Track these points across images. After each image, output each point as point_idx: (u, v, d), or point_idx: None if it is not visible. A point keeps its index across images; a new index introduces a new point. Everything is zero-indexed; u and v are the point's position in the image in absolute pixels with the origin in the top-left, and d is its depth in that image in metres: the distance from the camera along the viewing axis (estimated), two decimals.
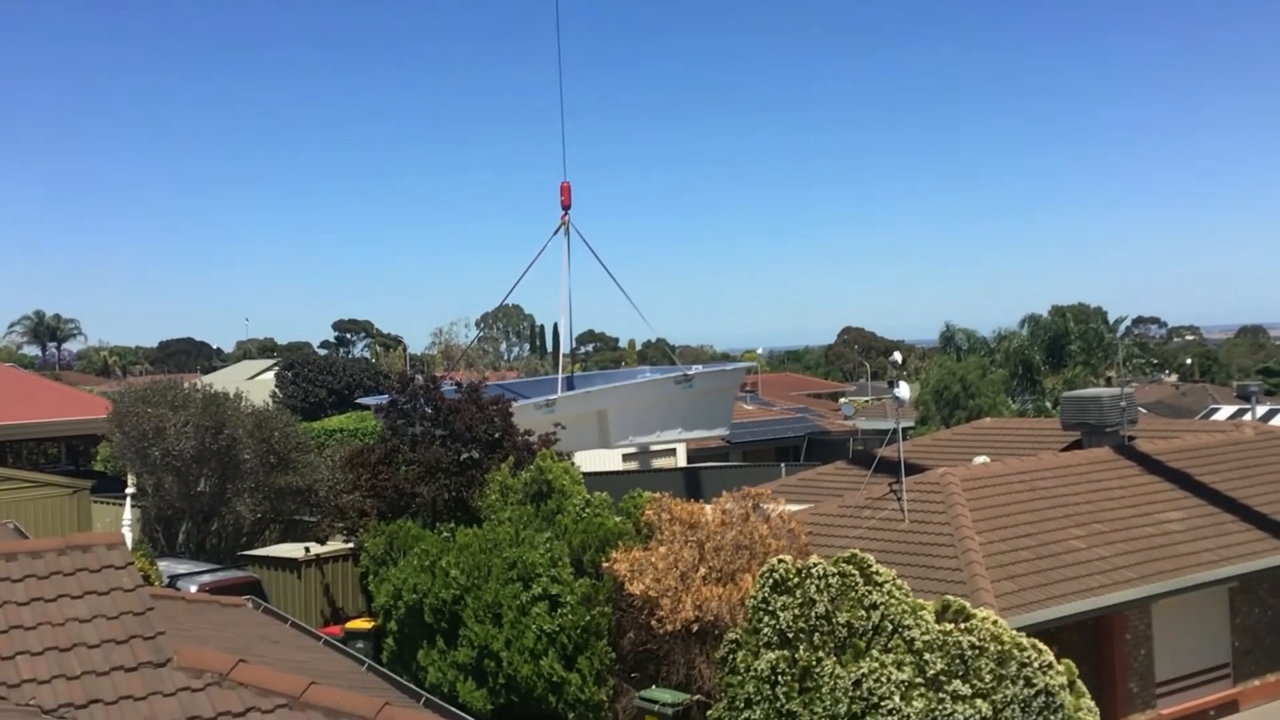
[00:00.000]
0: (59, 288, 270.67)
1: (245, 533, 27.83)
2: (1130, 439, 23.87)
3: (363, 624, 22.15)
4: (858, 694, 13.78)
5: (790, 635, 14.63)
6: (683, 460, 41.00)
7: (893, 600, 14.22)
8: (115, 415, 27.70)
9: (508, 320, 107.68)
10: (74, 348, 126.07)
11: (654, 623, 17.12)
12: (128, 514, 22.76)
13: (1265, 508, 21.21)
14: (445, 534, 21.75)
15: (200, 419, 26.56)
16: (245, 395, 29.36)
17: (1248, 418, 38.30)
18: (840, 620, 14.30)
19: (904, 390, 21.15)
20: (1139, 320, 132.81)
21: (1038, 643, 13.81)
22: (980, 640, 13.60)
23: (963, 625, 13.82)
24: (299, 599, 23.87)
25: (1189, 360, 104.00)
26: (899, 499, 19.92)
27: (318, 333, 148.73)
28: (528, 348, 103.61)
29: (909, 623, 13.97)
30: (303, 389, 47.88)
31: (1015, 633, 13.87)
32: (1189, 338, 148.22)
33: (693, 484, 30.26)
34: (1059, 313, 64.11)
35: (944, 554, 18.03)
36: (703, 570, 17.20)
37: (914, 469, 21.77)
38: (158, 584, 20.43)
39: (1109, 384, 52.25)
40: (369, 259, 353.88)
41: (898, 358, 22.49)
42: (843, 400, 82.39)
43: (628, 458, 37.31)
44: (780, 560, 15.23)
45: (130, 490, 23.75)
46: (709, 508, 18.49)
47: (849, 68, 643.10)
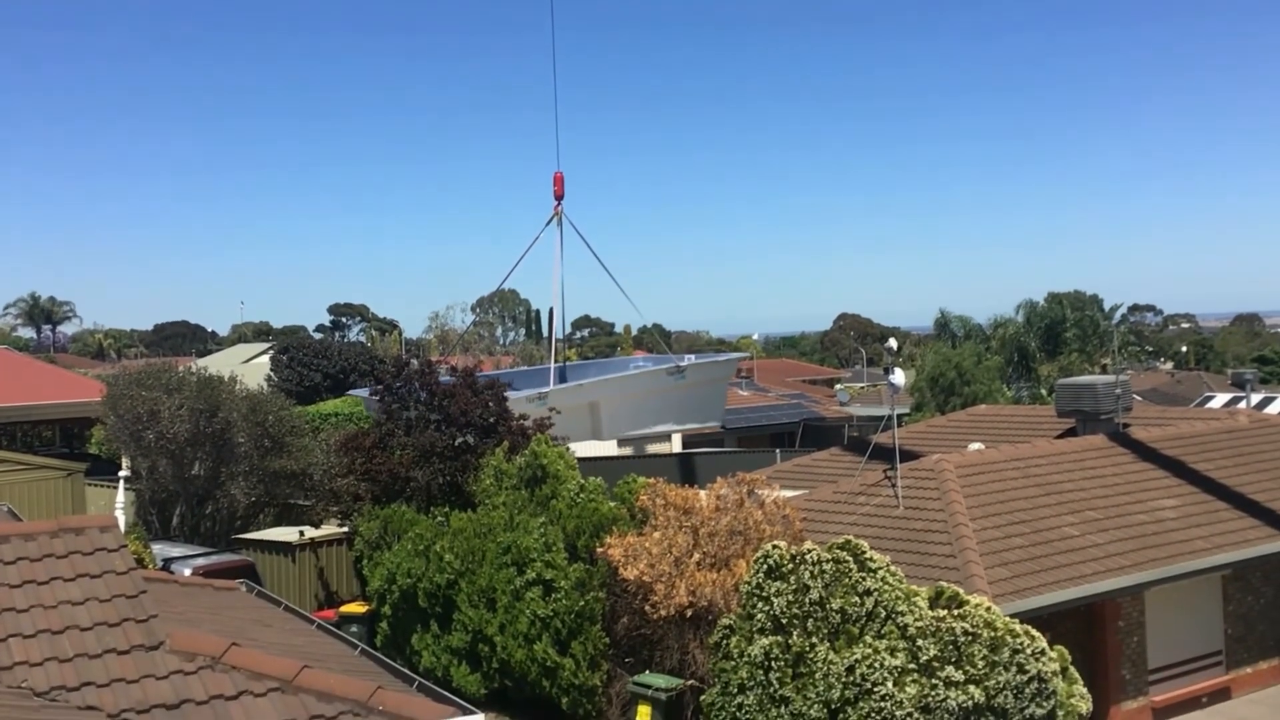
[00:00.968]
0: (54, 270, 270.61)
1: (239, 516, 27.79)
2: (1125, 426, 23.88)
3: (357, 608, 22.17)
4: (851, 680, 13.80)
5: (784, 621, 14.65)
6: (677, 446, 41.02)
7: (886, 586, 14.24)
8: (110, 398, 27.62)
9: (503, 305, 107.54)
10: (69, 330, 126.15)
11: (648, 608, 17.13)
12: (121, 497, 22.71)
13: (1259, 495, 21.24)
14: (440, 518, 21.76)
15: (195, 402, 26.48)
16: (240, 379, 29.27)
17: (1242, 405, 38.36)
18: (834, 606, 14.32)
19: (899, 377, 21.13)
20: (1135, 308, 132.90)
21: (1031, 629, 13.85)
22: (973, 627, 13.63)
23: (956, 612, 13.84)
24: (293, 583, 23.87)
25: (1184, 348, 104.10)
26: (893, 485, 19.92)
27: (313, 317, 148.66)
28: (523, 333, 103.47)
29: (902, 609, 13.99)
30: (298, 373, 47.84)
31: (1008, 619, 13.90)
32: (1184, 325, 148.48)
33: (687, 469, 30.25)
34: (1055, 300, 64.27)
35: (938, 540, 18.05)
36: (697, 556, 17.21)
37: (909, 455, 21.78)
38: (152, 567, 20.40)
39: (1104, 371, 52.30)
40: (364, 243, 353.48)
41: (893, 344, 22.38)
42: (838, 386, 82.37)
43: (622, 443, 37.30)
44: (774, 546, 15.24)
45: (124, 473, 23.72)
46: (703, 493, 18.49)
47: (846, 54, 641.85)
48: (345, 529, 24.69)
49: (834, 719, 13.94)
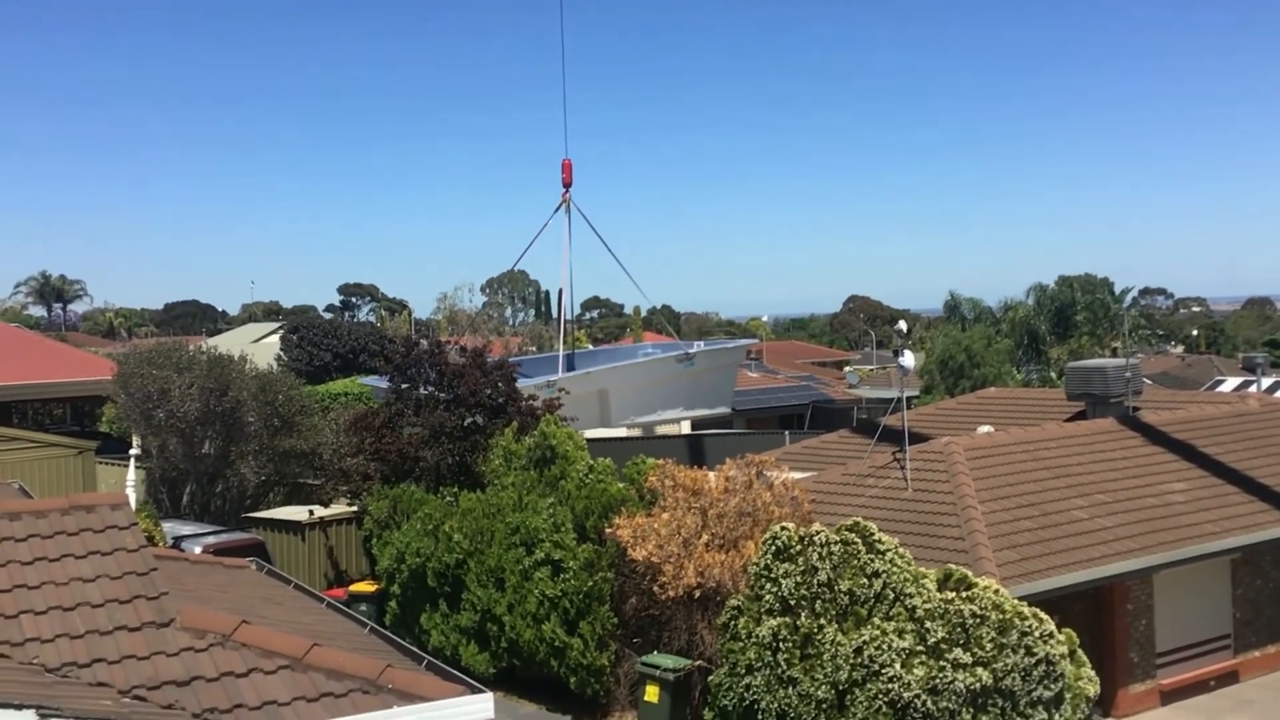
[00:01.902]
0: (65, 249, 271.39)
1: (249, 495, 27.90)
2: (1135, 410, 23.82)
3: (366, 587, 22.25)
4: (858, 661, 13.83)
5: (792, 602, 14.67)
6: (686, 427, 41.00)
7: (895, 568, 14.24)
8: (120, 377, 27.71)
9: (513, 286, 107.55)
10: (79, 309, 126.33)
11: (656, 589, 17.17)
12: (132, 475, 22.77)
13: (1269, 479, 21.19)
14: (449, 498, 21.80)
15: (205, 381, 26.57)
16: (250, 358, 29.35)
17: (1253, 390, 38.21)
18: (842, 588, 14.34)
19: (909, 359, 21.07)
20: (1145, 291, 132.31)
21: (1039, 612, 13.84)
22: (981, 609, 13.63)
23: (964, 594, 13.85)
24: (303, 561, 23.97)
25: (1195, 332, 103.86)
26: (902, 468, 19.91)
27: (323, 296, 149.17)
28: (533, 313, 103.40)
29: (911, 591, 14.00)
30: (307, 352, 47.88)
31: (1016, 602, 13.90)
32: (1195, 309, 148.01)
33: (696, 451, 30.28)
34: (1065, 283, 63.96)
35: (946, 523, 18.04)
36: (705, 537, 17.23)
37: (918, 438, 21.75)
38: (162, 545, 20.50)
39: (1114, 355, 52.13)
40: (375, 223, 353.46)
41: (903, 326, 22.41)
42: (847, 369, 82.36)
43: (631, 424, 37.32)
44: (783, 528, 15.25)
45: (135, 451, 23.77)
46: (712, 475, 18.50)
47: (858, 37, 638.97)
48: (354, 508, 24.75)
49: (841, 700, 13.97)
